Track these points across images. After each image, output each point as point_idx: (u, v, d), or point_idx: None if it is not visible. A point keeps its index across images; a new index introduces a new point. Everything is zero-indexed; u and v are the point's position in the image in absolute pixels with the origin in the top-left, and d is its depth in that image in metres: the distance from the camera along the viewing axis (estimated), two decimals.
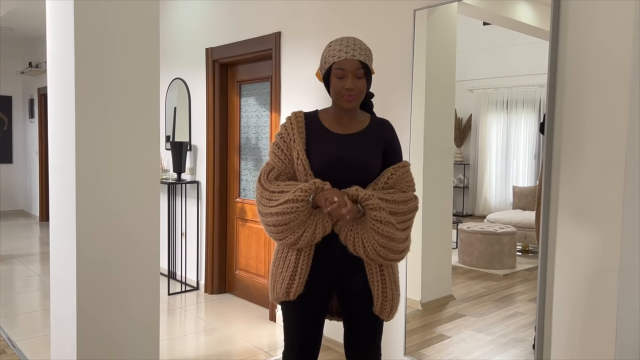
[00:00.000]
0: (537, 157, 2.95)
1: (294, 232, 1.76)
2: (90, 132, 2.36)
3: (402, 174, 1.86)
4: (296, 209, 1.72)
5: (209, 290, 4.55)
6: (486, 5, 2.71)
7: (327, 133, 1.86)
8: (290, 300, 1.84)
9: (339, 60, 1.77)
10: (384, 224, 1.75)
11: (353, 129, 1.88)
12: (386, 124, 1.95)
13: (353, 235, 1.78)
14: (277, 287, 1.86)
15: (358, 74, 1.79)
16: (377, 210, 1.74)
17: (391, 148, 1.90)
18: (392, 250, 1.79)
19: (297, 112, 1.90)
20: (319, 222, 1.76)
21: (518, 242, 3.09)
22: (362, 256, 1.79)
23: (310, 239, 1.76)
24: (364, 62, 1.79)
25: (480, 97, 3.18)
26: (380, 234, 1.75)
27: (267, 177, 1.84)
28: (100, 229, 2.41)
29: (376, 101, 2.98)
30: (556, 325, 2.25)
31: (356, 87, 1.79)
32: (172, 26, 4.93)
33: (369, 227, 1.76)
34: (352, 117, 1.88)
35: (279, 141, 1.87)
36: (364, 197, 1.74)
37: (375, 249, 1.76)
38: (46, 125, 7.92)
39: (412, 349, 2.83)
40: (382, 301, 1.84)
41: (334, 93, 1.82)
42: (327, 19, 3.32)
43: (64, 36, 2.39)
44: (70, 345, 2.42)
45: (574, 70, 2.16)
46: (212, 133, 4.44)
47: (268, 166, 1.87)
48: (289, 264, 1.83)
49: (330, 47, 1.83)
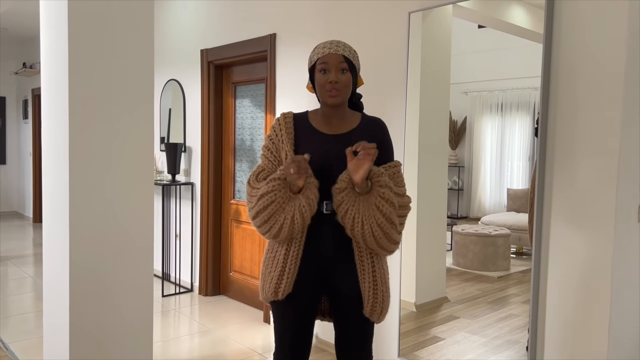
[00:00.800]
0: (531, 159, 2.96)
1: (276, 222, 1.76)
2: (83, 133, 2.35)
3: (393, 174, 1.85)
4: (272, 198, 1.74)
5: (203, 292, 4.54)
6: (481, 8, 2.72)
7: (316, 133, 1.86)
8: (279, 299, 1.83)
9: (323, 55, 1.81)
10: (389, 204, 1.75)
11: (343, 129, 1.88)
12: (378, 122, 1.95)
13: (354, 211, 1.74)
14: (265, 286, 1.86)
15: (342, 67, 1.80)
16: (386, 188, 1.75)
17: (382, 147, 1.87)
18: (388, 237, 1.77)
19: (286, 113, 1.91)
20: (296, 209, 1.75)
21: (512, 244, 3.09)
22: (357, 237, 1.77)
23: (291, 229, 1.75)
24: (348, 58, 1.81)
25: (475, 100, 3.19)
26: (382, 213, 1.74)
27: (256, 178, 1.86)
28: (93, 230, 2.40)
29: (371, 103, 2.99)
30: (549, 327, 2.26)
31: (340, 81, 1.80)
32: (167, 27, 4.92)
33: (372, 204, 1.74)
34: (341, 117, 1.88)
35: (268, 143, 1.89)
36: (376, 172, 1.77)
37: (373, 229, 1.74)
38: (40, 126, 7.88)
39: (406, 350, 2.83)
40: (373, 303, 1.83)
41: (319, 88, 1.83)
42: (323, 21, 3.33)
43: (58, 37, 2.39)
44: (63, 347, 2.41)
45: (567, 73, 2.17)
46: (206, 134, 4.43)
47: (258, 168, 1.89)
48: (277, 263, 1.83)
49: (314, 49, 1.87)
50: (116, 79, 2.43)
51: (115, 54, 2.43)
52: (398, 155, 2.83)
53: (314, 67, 1.84)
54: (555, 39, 2.20)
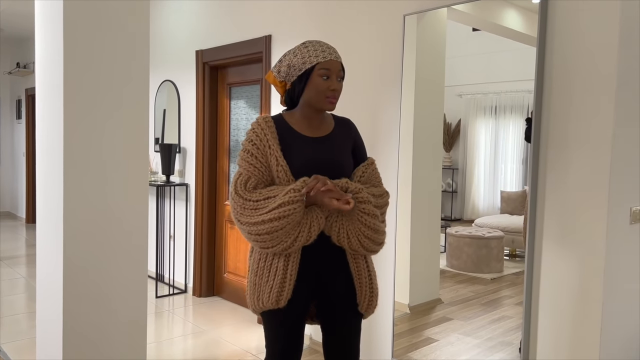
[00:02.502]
0: (525, 162, 2.98)
1: (289, 236, 1.73)
2: (78, 133, 2.35)
3: (372, 171, 1.93)
4: (293, 210, 1.70)
5: (197, 293, 4.53)
6: (475, 11, 2.74)
7: (300, 137, 1.86)
8: (279, 307, 1.81)
9: (325, 60, 1.80)
10: (371, 217, 1.80)
11: (323, 131, 1.91)
12: (349, 123, 2.01)
13: (338, 226, 1.80)
14: (263, 296, 1.81)
15: (340, 76, 1.85)
16: (366, 204, 1.79)
17: (358, 146, 1.98)
18: (374, 242, 1.85)
19: (265, 117, 1.86)
20: (314, 219, 1.75)
21: (505, 247, 3.11)
22: (345, 247, 1.83)
23: (306, 239, 1.75)
24: (343, 66, 1.87)
25: (469, 103, 3.20)
26: (367, 226, 1.80)
27: (244, 188, 1.77)
28: (87, 231, 2.39)
29: (366, 105, 3.00)
30: (542, 329, 2.27)
31: (338, 89, 1.84)
32: (162, 28, 4.91)
33: (355, 219, 1.79)
34: (321, 120, 1.91)
35: (250, 148, 1.81)
36: (354, 189, 1.79)
37: (360, 239, 1.81)
38: (34, 126, 7.84)
39: (399, 352, 2.84)
40: (370, 297, 1.90)
41: (316, 93, 1.81)
42: (318, 23, 3.34)
43: (52, 37, 2.38)
44: (56, 348, 2.40)
45: (560, 76, 2.19)
46: (201, 135, 4.43)
47: (243, 176, 1.79)
48: (276, 272, 1.79)
49: (307, 48, 1.83)
50: (111, 80, 2.43)
51: (111, 54, 2.42)
52: (393, 158, 2.84)
53: (312, 69, 1.80)
54: (549, 42, 2.22)
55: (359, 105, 3.05)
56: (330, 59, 1.81)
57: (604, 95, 2.06)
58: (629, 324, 2.30)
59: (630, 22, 2.08)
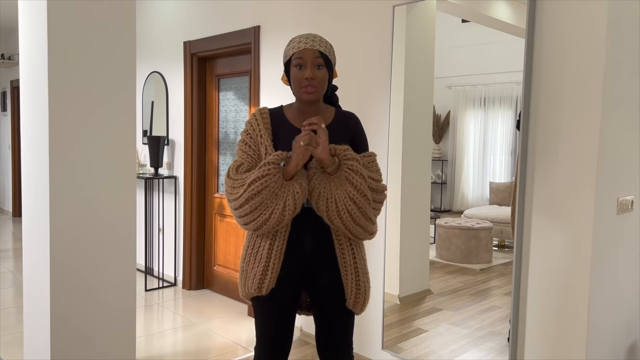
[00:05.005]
0: (514, 153, 2.99)
1: (267, 208, 1.74)
2: (64, 126, 2.32)
3: (367, 162, 1.87)
4: (267, 181, 1.72)
5: (187, 286, 4.52)
6: (464, 2, 2.73)
7: (292, 129, 1.86)
8: (262, 295, 1.83)
9: (298, 50, 1.80)
10: (359, 175, 1.76)
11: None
12: (351, 117, 1.97)
13: (327, 192, 1.76)
14: (248, 282, 1.85)
15: (317, 63, 1.80)
16: (353, 160, 1.77)
17: (356, 140, 1.92)
18: (362, 211, 1.78)
19: (261, 109, 1.90)
20: (289, 195, 1.73)
21: (494, 237, 3.13)
22: (334, 218, 1.77)
23: (280, 217, 1.74)
24: (324, 53, 1.81)
25: (458, 94, 3.21)
26: (354, 186, 1.75)
27: (236, 172, 1.83)
28: (74, 224, 2.37)
29: (355, 97, 2.99)
30: (530, 318, 2.29)
31: (316, 77, 1.79)
32: (149, 18, 4.86)
33: (343, 179, 1.76)
34: (316, 112, 1.88)
35: (245, 137, 1.88)
36: (341, 149, 1.79)
37: (347, 206, 1.75)
38: (19, 118, 7.73)
39: (389, 342, 2.85)
40: (356, 294, 1.86)
41: (295, 84, 1.82)
42: (307, 14, 3.31)
43: (37, 27, 2.34)
44: (44, 342, 2.38)
45: (549, 67, 2.20)
46: (190, 127, 4.39)
47: (236, 162, 1.87)
48: (260, 259, 1.82)
49: (290, 41, 1.86)
50: (97, 71, 2.40)
51: (97, 45, 2.39)
52: (382, 149, 2.84)
53: (290, 62, 1.82)
54: (537, 33, 2.22)
55: (347, 96, 3.04)
56: (304, 48, 1.79)
57: (592, 86, 2.07)
58: (616, 313, 2.33)
59: (618, 13, 2.09)
